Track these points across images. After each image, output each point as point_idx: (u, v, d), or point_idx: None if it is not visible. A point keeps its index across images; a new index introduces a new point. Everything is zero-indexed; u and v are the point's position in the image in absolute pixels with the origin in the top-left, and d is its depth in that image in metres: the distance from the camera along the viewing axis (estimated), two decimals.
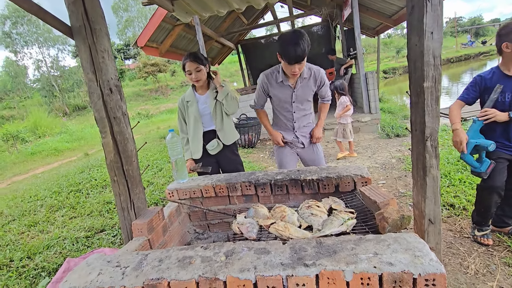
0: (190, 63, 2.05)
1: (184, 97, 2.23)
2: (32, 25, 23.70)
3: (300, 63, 1.72)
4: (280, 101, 1.99)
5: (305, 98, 1.98)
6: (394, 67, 22.72)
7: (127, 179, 1.44)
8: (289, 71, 1.78)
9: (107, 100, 1.36)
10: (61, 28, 1.28)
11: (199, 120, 2.18)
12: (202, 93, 2.20)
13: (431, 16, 1.00)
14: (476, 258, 1.89)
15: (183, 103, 2.22)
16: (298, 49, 1.65)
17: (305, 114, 2.07)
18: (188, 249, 1.07)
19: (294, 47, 1.65)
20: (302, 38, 1.67)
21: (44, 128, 13.01)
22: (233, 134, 2.25)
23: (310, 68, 1.94)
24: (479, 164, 1.81)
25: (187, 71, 2.09)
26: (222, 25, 7.81)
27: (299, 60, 1.70)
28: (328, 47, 9.12)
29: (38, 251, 2.59)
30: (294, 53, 1.66)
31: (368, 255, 0.88)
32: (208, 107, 2.16)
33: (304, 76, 1.90)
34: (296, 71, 1.76)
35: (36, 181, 5.61)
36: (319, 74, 1.95)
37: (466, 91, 1.98)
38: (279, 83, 1.92)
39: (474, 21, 51.71)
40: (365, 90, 5.60)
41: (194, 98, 2.19)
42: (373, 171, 3.69)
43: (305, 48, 1.66)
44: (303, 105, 2.01)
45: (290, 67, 1.74)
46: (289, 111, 2.02)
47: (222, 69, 27.40)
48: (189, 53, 2.08)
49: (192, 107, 2.18)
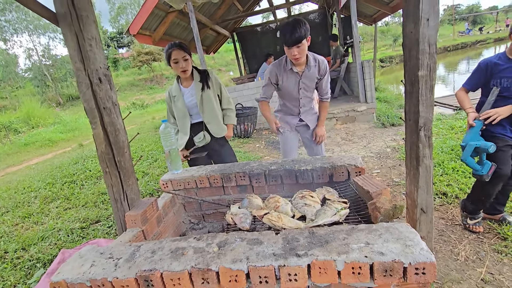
0: (177, 51, 1.97)
1: (171, 91, 2.17)
2: (21, 12, 22.92)
3: (299, 46, 1.80)
4: (288, 89, 2.08)
5: (310, 86, 2.09)
6: (391, 56, 22.54)
7: (119, 171, 1.42)
8: (290, 55, 1.87)
9: (96, 90, 1.33)
10: (45, 14, 1.23)
11: (186, 114, 2.14)
12: (187, 85, 2.14)
13: (427, 2, 0.97)
14: (467, 245, 1.93)
15: (170, 97, 2.18)
16: (295, 32, 1.75)
17: (310, 100, 2.20)
18: (181, 240, 1.07)
19: (291, 30, 1.76)
20: (299, 23, 1.77)
21: (37, 119, 12.80)
22: (222, 128, 2.22)
23: (315, 58, 2.03)
24: (480, 167, 1.79)
25: (173, 60, 1.98)
26: (217, 12, 7.63)
27: (297, 43, 1.78)
28: (325, 35, 9.00)
29: (33, 243, 2.58)
30: (291, 35, 1.76)
31: (359, 244, 0.89)
32: (194, 99, 2.12)
33: (311, 64, 1.99)
34: (295, 54, 1.83)
35: (30, 172, 5.56)
36: (323, 64, 2.04)
37: (471, 77, 1.97)
38: (289, 70, 2.01)
39: (472, 9, 51.25)
40: (361, 79, 5.56)
41: (179, 92, 2.13)
42: (368, 160, 3.71)
43: (302, 32, 1.76)
44: (308, 92, 2.12)
45: (290, 51, 1.84)
46: (295, 98, 2.13)
47: (217, 57, 27.00)
48: (173, 42, 2.00)
49: (179, 101, 2.12)
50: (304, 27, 1.78)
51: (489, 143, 1.75)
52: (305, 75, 2.03)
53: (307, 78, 2.04)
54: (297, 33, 1.76)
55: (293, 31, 1.76)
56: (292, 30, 1.76)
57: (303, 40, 1.80)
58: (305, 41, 1.81)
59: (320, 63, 2.04)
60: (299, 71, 2.01)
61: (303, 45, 1.82)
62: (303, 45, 1.83)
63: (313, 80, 2.07)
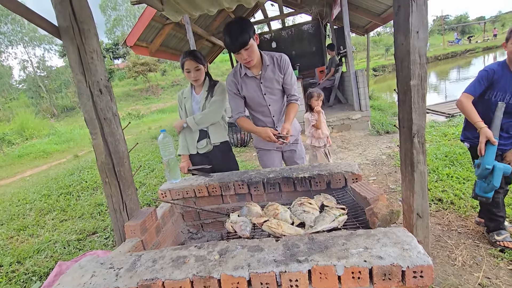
0: (190, 61, 2.04)
1: (183, 92, 2.26)
2: (17, 24, 23.04)
3: (247, 49, 1.65)
4: (252, 97, 1.90)
5: (274, 87, 1.88)
6: (383, 65, 23.00)
7: (119, 181, 1.43)
8: (240, 59, 1.73)
9: (97, 101, 1.35)
10: (49, 29, 1.26)
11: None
12: (199, 92, 2.21)
13: (417, 16, 1.03)
14: (463, 250, 1.95)
15: (182, 98, 2.25)
16: (239, 36, 1.60)
17: (280, 105, 1.97)
18: (182, 249, 1.08)
19: (234, 35, 1.61)
20: (241, 24, 1.63)
21: (31, 130, 12.70)
22: (220, 134, 2.22)
23: (272, 56, 1.87)
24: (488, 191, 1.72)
25: (185, 69, 2.07)
26: (213, 23, 7.77)
27: (243, 46, 1.63)
28: (319, 45, 9.20)
29: (29, 255, 2.54)
30: (236, 39, 1.61)
31: (358, 249, 0.90)
32: (199, 107, 2.16)
33: (266, 64, 1.83)
34: (245, 58, 1.68)
35: (24, 185, 5.48)
36: (282, 59, 1.86)
37: (477, 84, 1.86)
38: (244, 76, 1.85)
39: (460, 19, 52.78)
40: (355, 88, 5.67)
41: (190, 95, 2.21)
42: (364, 168, 3.75)
43: (246, 32, 1.61)
44: (275, 95, 1.91)
45: (239, 56, 1.69)
46: (264, 106, 1.92)
47: (213, 67, 27.24)
48: (188, 51, 2.07)
49: (187, 103, 2.20)
50: (248, 26, 1.63)
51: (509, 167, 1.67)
52: (264, 77, 1.84)
53: (268, 80, 1.85)
54: (240, 35, 1.60)
55: (236, 34, 1.61)
56: (235, 33, 1.61)
57: (250, 41, 1.63)
58: (252, 41, 1.65)
59: (278, 59, 1.86)
60: (256, 75, 1.84)
61: (251, 46, 1.66)
62: (252, 46, 1.66)
63: (276, 80, 1.87)
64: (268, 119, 1.96)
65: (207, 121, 2.12)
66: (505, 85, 1.79)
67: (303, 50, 9.23)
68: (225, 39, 1.65)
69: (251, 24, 1.67)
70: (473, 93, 1.86)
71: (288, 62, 1.88)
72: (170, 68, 30.13)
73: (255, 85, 1.86)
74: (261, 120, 1.98)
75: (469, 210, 2.37)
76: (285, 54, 1.91)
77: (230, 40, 1.62)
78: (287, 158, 2.13)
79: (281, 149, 2.08)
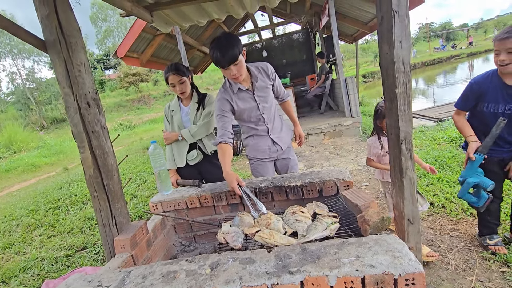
0: (173, 76, 2.04)
1: (170, 105, 2.25)
2: (5, 36, 22.82)
3: (236, 64, 1.62)
4: (249, 110, 1.87)
5: (266, 95, 1.89)
6: (372, 71, 23.47)
7: (108, 194, 1.40)
8: (229, 75, 1.69)
9: (85, 114, 1.33)
10: (35, 43, 1.25)
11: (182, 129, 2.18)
12: (187, 104, 2.21)
13: (399, 26, 1.05)
14: (456, 254, 1.97)
15: (169, 111, 2.24)
16: (229, 51, 1.57)
17: (273, 111, 1.98)
18: (173, 264, 1.06)
19: (222, 50, 1.57)
20: (230, 39, 1.60)
21: (19, 143, 12.43)
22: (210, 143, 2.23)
23: (256, 66, 1.87)
24: (476, 199, 1.72)
25: (170, 84, 2.08)
26: (203, 34, 7.83)
27: (233, 61, 1.60)
28: (309, 53, 9.35)
29: (14, 275, 2.45)
30: (225, 55, 1.58)
31: (350, 258, 0.90)
32: (189, 118, 2.16)
33: (256, 74, 1.83)
34: (235, 73, 1.65)
35: (11, 200, 5.33)
36: (267, 67, 1.88)
37: (464, 99, 1.85)
38: (238, 91, 1.82)
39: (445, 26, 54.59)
40: (345, 94, 5.75)
41: (178, 108, 2.21)
42: (356, 174, 3.77)
43: (235, 48, 1.58)
44: (268, 103, 1.92)
45: (227, 72, 1.66)
46: (258, 115, 1.91)
47: (205, 77, 27.35)
48: (170, 66, 2.07)
49: (176, 116, 2.19)
50: (237, 42, 1.60)
51: (488, 182, 1.66)
52: (257, 88, 1.84)
53: (260, 89, 1.85)
54: (230, 50, 1.56)
55: (226, 49, 1.57)
56: (224, 48, 1.57)
57: (239, 56, 1.61)
58: (241, 57, 1.63)
59: (265, 69, 1.88)
60: (248, 88, 1.83)
61: (240, 61, 1.64)
62: (241, 62, 1.64)
63: (268, 88, 1.89)
64: (263, 127, 1.95)
65: (203, 133, 2.13)
66: (495, 95, 1.71)
67: (294, 58, 9.37)
68: (213, 54, 1.60)
69: (239, 39, 1.66)
70: (462, 108, 1.87)
71: (273, 69, 1.91)
72: (162, 78, 30.02)
73: (249, 97, 1.85)
74: (255, 129, 1.96)
75: (460, 214, 2.39)
76: (276, 62, 1.95)
77: (220, 55, 1.57)
78: (281, 167, 2.11)
79: (276, 158, 2.06)
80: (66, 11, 1.28)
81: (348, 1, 6.21)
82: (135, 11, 2.32)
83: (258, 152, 1.99)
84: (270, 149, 1.98)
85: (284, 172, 2.10)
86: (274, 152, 2.01)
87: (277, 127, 2.00)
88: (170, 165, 2.22)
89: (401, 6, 1.04)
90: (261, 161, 2.02)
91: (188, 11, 2.47)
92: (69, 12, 1.30)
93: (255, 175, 2.05)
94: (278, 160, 2.08)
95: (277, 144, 1.98)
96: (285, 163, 2.09)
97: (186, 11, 2.48)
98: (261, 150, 1.98)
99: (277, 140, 1.98)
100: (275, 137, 1.98)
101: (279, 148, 2.00)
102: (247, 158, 2.08)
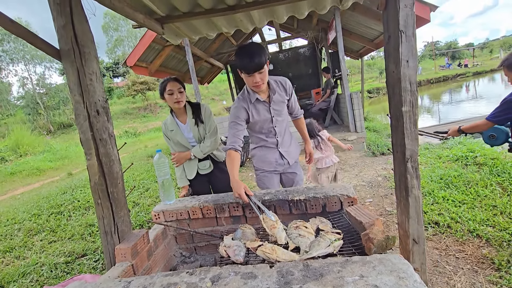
0: (173, 82, 2.05)
1: (167, 125, 2.18)
2: (19, 43, 23.50)
3: (261, 72, 1.66)
4: (263, 121, 1.89)
5: (281, 110, 1.92)
6: (377, 87, 23.59)
7: (112, 202, 1.41)
8: (251, 82, 1.70)
9: (94, 121, 1.36)
10: (49, 51, 1.29)
11: (188, 147, 2.18)
12: (183, 120, 2.17)
13: (406, 46, 1.07)
14: (462, 277, 1.91)
15: (167, 131, 2.19)
16: (256, 57, 1.60)
17: (284, 125, 2.01)
18: (173, 275, 1.05)
19: (250, 57, 1.61)
20: (257, 48, 1.64)
21: (26, 147, 12.56)
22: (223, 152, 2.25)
23: (275, 80, 1.90)
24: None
25: (168, 91, 2.04)
26: (211, 46, 8.00)
27: (258, 69, 1.63)
28: (314, 68, 9.46)
29: (13, 279, 2.43)
30: (252, 61, 1.61)
31: (354, 277, 0.88)
32: (191, 134, 2.16)
33: (274, 87, 1.86)
34: (258, 81, 1.68)
35: (14, 203, 5.35)
36: (285, 82, 1.92)
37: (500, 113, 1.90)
38: (255, 101, 1.83)
39: (450, 45, 54.99)
40: (350, 109, 5.77)
41: (177, 127, 2.16)
42: (360, 189, 3.73)
43: (262, 56, 1.62)
44: (281, 116, 1.95)
45: (251, 78, 1.68)
46: (270, 127, 1.93)
47: (211, 87, 27.70)
48: (167, 77, 2.09)
49: (177, 135, 2.15)
50: (264, 51, 1.64)
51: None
52: (273, 101, 1.86)
53: (276, 103, 1.88)
54: (257, 57, 1.60)
55: (253, 56, 1.60)
56: (252, 55, 1.60)
57: (265, 65, 1.65)
58: (265, 66, 1.67)
59: (283, 83, 1.90)
60: (266, 99, 1.85)
61: (265, 70, 1.67)
62: (265, 71, 1.68)
63: (283, 103, 1.91)
64: (273, 139, 1.96)
65: (213, 149, 2.19)
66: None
67: (300, 72, 9.48)
68: (241, 59, 1.64)
69: (266, 49, 1.71)
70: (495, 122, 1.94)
71: (291, 85, 1.94)
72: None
73: (265, 109, 1.87)
74: (265, 140, 1.97)
75: (466, 235, 2.34)
76: (282, 75, 1.98)
77: (248, 60, 1.61)
78: (286, 181, 2.10)
79: (282, 171, 2.06)
80: (82, 22, 1.33)
81: (355, 19, 6.32)
82: (147, 23, 2.38)
83: (264, 163, 2.00)
84: (277, 162, 1.99)
85: (289, 186, 2.10)
86: (280, 166, 2.01)
87: (287, 141, 2.01)
88: (182, 183, 2.23)
89: (408, 26, 1.06)
90: (267, 172, 2.02)
91: (198, 24, 2.53)
92: (85, 23, 1.35)
93: (260, 186, 2.05)
94: (284, 174, 2.08)
95: (284, 158, 1.99)
96: (291, 177, 2.08)
97: (196, 24, 2.54)
98: (267, 161, 1.99)
99: (285, 154, 1.99)
100: (284, 151, 1.99)
101: (286, 162, 2.01)
102: (254, 168, 2.08)
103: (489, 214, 2.50)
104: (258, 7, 2.08)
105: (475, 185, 3.01)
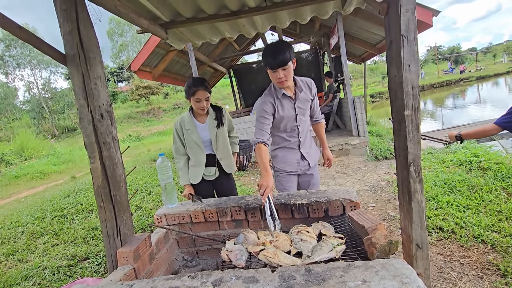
0: (203, 92, 2.02)
1: (183, 123, 2.17)
2: (26, 48, 23.86)
3: (285, 69, 1.69)
4: (286, 118, 1.90)
5: (305, 109, 1.95)
6: (380, 92, 23.56)
7: (114, 205, 1.41)
8: (275, 78, 1.73)
9: (98, 125, 1.37)
10: (55, 56, 1.31)
11: (201, 147, 2.16)
12: (202, 120, 2.18)
13: (408, 50, 1.08)
14: (467, 283, 1.89)
15: (182, 129, 2.17)
16: (280, 53, 1.65)
17: (307, 126, 2.03)
18: (175, 279, 1.05)
19: (275, 52, 1.67)
20: (283, 45, 1.70)
21: (31, 150, 12.69)
22: (232, 165, 2.27)
23: (301, 79, 1.95)
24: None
25: (196, 99, 2.03)
26: (215, 51, 8.06)
27: (282, 65, 1.67)
28: (317, 72, 9.49)
29: (16, 283, 2.44)
30: (276, 57, 1.66)
31: (356, 282, 0.88)
32: (209, 134, 2.16)
33: (301, 85, 1.90)
34: (281, 76, 1.71)
35: (18, 206, 5.38)
36: (311, 83, 1.97)
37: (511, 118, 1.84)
38: (281, 96, 1.86)
39: (453, 50, 54.94)
40: (353, 114, 5.76)
41: (194, 126, 2.15)
42: (363, 194, 3.71)
43: (287, 53, 1.66)
44: (304, 116, 1.97)
45: (275, 74, 1.71)
46: (294, 126, 1.94)
47: (214, 91, 27.83)
48: (198, 80, 2.05)
49: (193, 134, 2.14)
50: (289, 48, 1.68)
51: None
52: (299, 99, 1.89)
53: (301, 101, 1.90)
54: (282, 54, 1.65)
55: (278, 52, 1.65)
56: (277, 51, 1.66)
57: (289, 62, 1.68)
58: (291, 63, 1.70)
59: (309, 83, 1.95)
60: (292, 96, 1.88)
61: (289, 67, 1.70)
62: (289, 68, 1.70)
63: (308, 102, 1.94)
64: (295, 139, 1.97)
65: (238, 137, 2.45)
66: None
67: (302, 76, 9.51)
68: (266, 55, 1.70)
69: (293, 48, 1.74)
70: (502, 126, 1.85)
71: (315, 87, 1.99)
72: (172, 91, 30.80)
73: (290, 106, 1.89)
74: (288, 140, 1.97)
75: (471, 240, 2.32)
76: None
77: (271, 56, 1.67)
78: (303, 183, 2.09)
79: (301, 173, 2.05)
80: (88, 27, 1.35)
81: (357, 24, 6.35)
82: (151, 29, 2.42)
83: (286, 164, 2.00)
84: (299, 163, 2.00)
85: (305, 188, 2.09)
86: (302, 167, 2.02)
87: (308, 143, 2.03)
88: (184, 181, 2.21)
89: (409, 31, 1.07)
90: (287, 173, 2.01)
91: (201, 29, 2.56)
92: (90, 28, 1.37)
93: (278, 188, 2.05)
94: (301, 175, 2.07)
95: (305, 159, 2.00)
96: (308, 179, 2.08)
97: (199, 30, 2.57)
98: (289, 162, 1.99)
99: (306, 156, 2.00)
100: (305, 152, 2.00)
101: (306, 164, 2.01)
102: (273, 170, 2.05)
103: (494, 219, 2.47)
104: (260, 13, 2.10)
105: (480, 190, 2.98)
